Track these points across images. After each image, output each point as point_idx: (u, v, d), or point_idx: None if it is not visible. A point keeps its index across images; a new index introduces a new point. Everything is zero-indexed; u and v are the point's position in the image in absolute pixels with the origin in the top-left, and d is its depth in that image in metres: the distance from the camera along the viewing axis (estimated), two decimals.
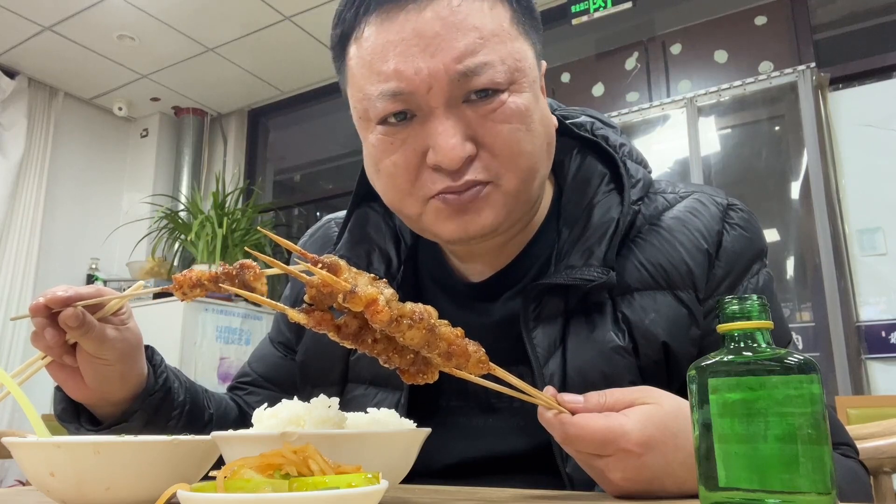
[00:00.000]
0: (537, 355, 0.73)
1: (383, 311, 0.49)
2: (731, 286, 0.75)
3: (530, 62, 0.71)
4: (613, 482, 0.56)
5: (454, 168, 0.66)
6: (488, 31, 0.66)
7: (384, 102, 0.67)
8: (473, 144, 0.67)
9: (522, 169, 0.69)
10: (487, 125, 0.67)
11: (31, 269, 4.11)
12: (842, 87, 3.01)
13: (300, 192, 5.11)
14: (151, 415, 0.79)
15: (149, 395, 0.78)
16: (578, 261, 0.73)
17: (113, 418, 0.78)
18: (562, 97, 3.79)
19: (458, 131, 0.66)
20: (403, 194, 0.71)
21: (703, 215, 0.77)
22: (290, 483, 0.40)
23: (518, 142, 0.68)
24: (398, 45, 0.66)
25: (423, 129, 0.67)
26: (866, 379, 2.66)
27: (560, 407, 0.56)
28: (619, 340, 0.72)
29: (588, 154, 0.82)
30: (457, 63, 0.65)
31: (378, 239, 0.86)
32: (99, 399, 0.76)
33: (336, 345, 0.82)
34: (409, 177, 0.70)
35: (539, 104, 0.72)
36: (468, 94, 0.66)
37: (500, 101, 0.67)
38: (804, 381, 0.44)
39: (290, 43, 3.98)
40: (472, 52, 0.65)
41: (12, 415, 3.86)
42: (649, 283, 0.74)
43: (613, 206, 0.76)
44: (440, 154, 0.66)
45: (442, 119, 0.66)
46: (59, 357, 0.71)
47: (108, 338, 0.71)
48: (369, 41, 0.68)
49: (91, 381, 0.73)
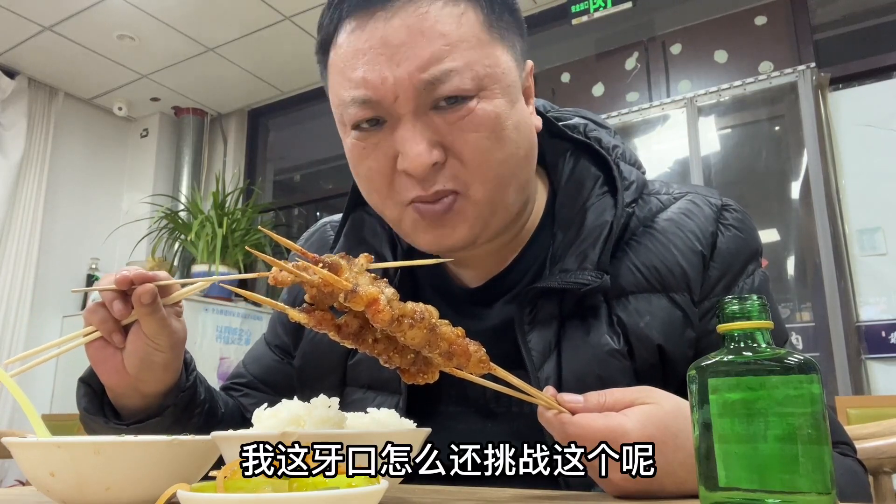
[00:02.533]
0: (532, 359, 0.73)
1: (384, 311, 0.49)
2: (727, 287, 0.75)
3: (504, 67, 0.70)
4: (613, 482, 0.56)
5: (420, 175, 0.67)
6: (456, 37, 0.66)
7: (355, 109, 0.68)
8: (442, 151, 0.67)
9: (492, 178, 0.69)
10: (455, 133, 0.67)
11: (31, 269, 4.11)
12: (842, 87, 3.00)
13: (300, 192, 5.11)
14: (181, 411, 0.79)
15: (181, 391, 0.78)
16: (573, 264, 0.73)
17: (141, 412, 0.77)
18: (562, 97, 3.81)
19: (425, 138, 0.66)
20: (382, 198, 0.72)
21: (697, 216, 0.77)
22: (290, 483, 0.40)
23: (487, 150, 0.67)
24: (366, 53, 0.66)
25: (392, 136, 0.68)
26: (866, 379, 2.66)
27: (560, 407, 0.56)
28: (615, 344, 0.71)
29: (581, 156, 0.82)
30: (421, 72, 0.65)
31: (374, 243, 0.86)
32: (131, 387, 0.75)
33: (334, 349, 0.83)
34: (385, 181, 0.70)
35: (515, 109, 0.70)
36: (436, 101, 0.66)
37: (469, 108, 0.66)
38: (804, 381, 0.44)
39: (290, 43, 3.98)
40: (438, 60, 0.65)
41: (12, 415, 3.86)
42: (644, 285, 0.74)
43: (607, 208, 0.76)
44: (406, 161, 0.66)
45: (409, 126, 0.66)
46: (110, 334, 0.72)
47: (167, 323, 0.72)
48: (342, 48, 0.69)
49: (133, 365, 0.73)
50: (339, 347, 0.82)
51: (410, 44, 0.65)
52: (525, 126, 0.72)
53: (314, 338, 0.86)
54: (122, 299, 0.70)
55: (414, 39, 0.65)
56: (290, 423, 0.56)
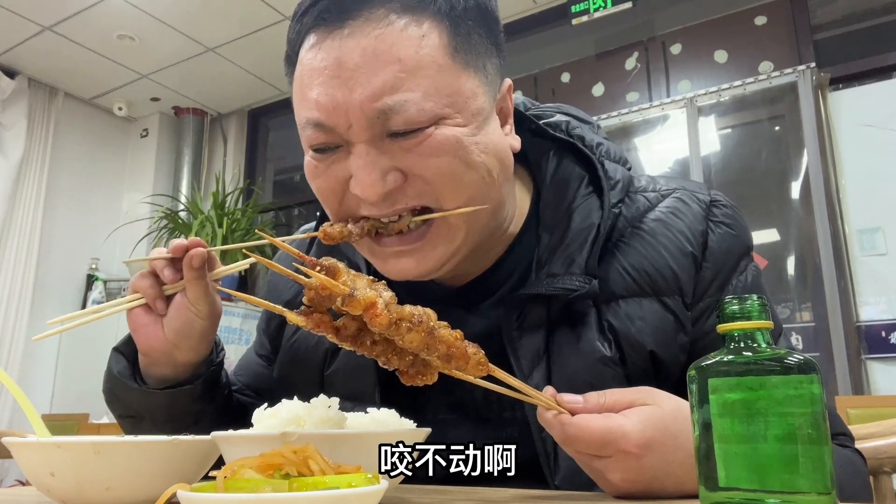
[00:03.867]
0: (522, 367, 0.71)
1: (382, 315, 0.49)
2: (721, 286, 0.74)
3: (468, 94, 0.66)
4: (613, 483, 0.55)
5: (373, 201, 0.66)
6: (413, 63, 0.63)
7: (311, 131, 0.67)
8: (399, 174, 0.65)
9: (462, 198, 0.66)
10: (412, 158, 0.65)
11: (31, 269, 4.11)
12: (842, 87, 3.01)
13: (300, 192, 5.11)
14: (209, 386, 0.80)
15: (212, 364, 0.81)
16: (560, 269, 0.72)
17: (177, 380, 0.78)
18: (562, 97, 3.81)
19: (377, 167, 0.64)
20: (333, 216, 0.72)
21: (686, 215, 0.75)
22: (290, 483, 0.40)
23: (451, 173, 0.65)
24: (322, 74, 0.64)
25: (347, 159, 0.67)
26: (866, 379, 2.66)
27: (560, 407, 0.56)
28: (606, 350, 0.70)
29: (565, 155, 0.80)
30: (373, 101, 0.62)
31: (346, 250, 0.84)
32: (166, 354, 0.76)
33: (311, 359, 0.83)
34: (336, 199, 0.70)
35: (482, 134, 0.67)
36: (389, 129, 0.64)
37: (426, 134, 0.64)
38: (804, 381, 0.44)
39: None
40: (392, 89, 0.62)
41: (12, 415, 3.86)
42: (634, 289, 0.72)
43: (594, 210, 0.74)
44: (359, 187, 0.65)
45: (363, 154, 0.65)
46: (154, 301, 0.75)
47: (209, 291, 0.75)
48: (302, 65, 0.68)
49: (172, 331, 0.75)
50: (315, 358, 0.82)
51: (364, 68, 0.62)
52: (495, 149, 0.69)
53: (291, 346, 0.86)
54: (172, 267, 0.74)
55: (368, 63, 0.62)
56: (290, 422, 0.56)
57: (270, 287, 0.96)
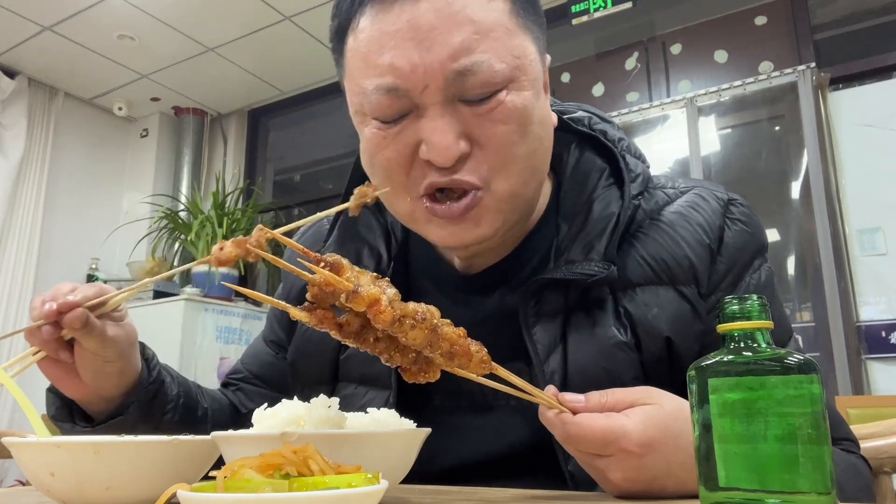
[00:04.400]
0: (538, 352, 0.72)
1: (386, 312, 0.49)
2: (734, 282, 0.75)
3: (531, 58, 0.69)
4: (614, 482, 0.55)
5: (447, 165, 0.66)
6: (486, 25, 0.64)
7: (379, 96, 0.65)
8: (468, 142, 0.66)
9: (515, 173, 0.68)
10: (484, 124, 0.66)
11: (31, 269, 4.11)
12: (842, 87, 3.00)
13: (300, 192, 5.11)
14: (146, 408, 0.79)
15: (143, 387, 0.78)
16: (579, 255, 0.73)
17: (107, 414, 0.77)
18: (562, 97, 3.76)
19: (453, 129, 0.65)
20: (397, 189, 0.70)
21: (705, 210, 0.77)
22: (290, 483, 0.40)
23: (513, 144, 0.67)
24: (393, 37, 0.64)
25: (417, 124, 0.66)
26: (866, 379, 2.66)
27: (561, 406, 0.56)
28: (621, 336, 0.71)
29: (586, 148, 0.82)
30: (452, 61, 0.63)
31: (368, 236, 0.85)
32: (93, 395, 0.76)
33: (326, 344, 0.83)
34: (403, 171, 0.69)
35: (539, 102, 0.70)
36: (465, 91, 0.65)
37: (498, 100, 0.65)
38: (804, 381, 0.44)
39: (290, 43, 3.98)
40: (469, 49, 0.63)
41: (12, 415, 3.86)
42: (651, 277, 0.73)
43: (613, 200, 0.76)
44: (433, 151, 0.65)
45: (437, 116, 0.65)
46: (55, 353, 0.71)
47: (109, 336, 0.71)
48: (364, 32, 0.66)
49: (88, 377, 0.73)
50: (330, 343, 0.82)
51: (440, 28, 0.63)
52: (548, 120, 0.72)
53: (305, 333, 0.86)
54: (52, 324, 0.68)
55: (444, 24, 0.63)
56: (289, 423, 0.56)
57: (285, 276, 0.97)
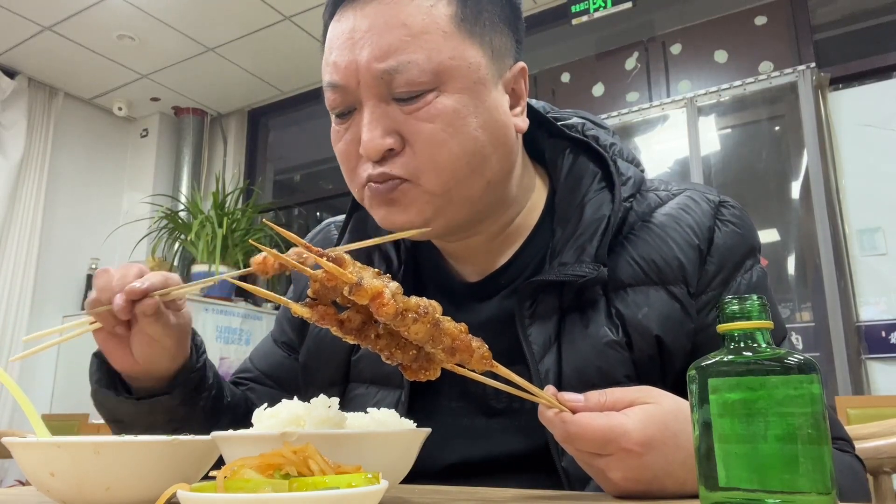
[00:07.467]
0: (533, 353, 0.73)
1: (389, 304, 0.49)
2: (724, 282, 0.76)
3: (472, 63, 0.70)
4: (613, 482, 0.55)
5: (373, 159, 0.70)
6: (418, 28, 0.68)
7: (329, 92, 0.73)
8: (398, 139, 0.70)
9: (446, 171, 0.70)
10: (410, 122, 0.69)
11: (31, 269, 4.11)
12: (842, 87, 3.00)
13: (300, 192, 5.11)
14: (189, 392, 0.81)
15: (190, 372, 0.81)
16: (571, 258, 0.74)
17: (151, 391, 0.79)
18: (562, 97, 3.81)
19: (380, 125, 0.69)
20: (350, 177, 0.76)
21: (695, 212, 0.78)
22: (290, 483, 0.40)
23: (440, 142, 0.69)
24: (339, 39, 0.71)
25: (357, 121, 0.71)
26: (866, 379, 2.66)
27: (561, 406, 0.56)
28: (613, 335, 0.72)
29: (580, 154, 0.83)
30: (378, 61, 0.68)
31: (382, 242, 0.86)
32: (142, 372, 0.78)
33: (338, 345, 0.84)
34: (351, 164, 0.74)
35: (483, 107, 0.71)
36: (394, 92, 0.69)
37: (426, 101, 0.69)
38: (804, 381, 0.44)
39: (290, 43, 3.98)
40: (397, 51, 0.68)
41: (12, 415, 3.86)
42: (642, 278, 0.75)
43: (605, 203, 0.77)
44: (361, 145, 0.70)
45: (368, 112, 0.70)
46: (112, 328, 0.74)
47: (171, 325, 0.75)
48: (328, 36, 0.75)
49: (141, 356, 0.75)
50: (342, 344, 0.83)
51: (375, 31, 0.69)
52: (495, 124, 0.72)
53: (318, 333, 0.88)
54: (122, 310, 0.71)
55: (378, 27, 0.68)
56: (289, 423, 0.56)
57: (296, 280, 0.99)
